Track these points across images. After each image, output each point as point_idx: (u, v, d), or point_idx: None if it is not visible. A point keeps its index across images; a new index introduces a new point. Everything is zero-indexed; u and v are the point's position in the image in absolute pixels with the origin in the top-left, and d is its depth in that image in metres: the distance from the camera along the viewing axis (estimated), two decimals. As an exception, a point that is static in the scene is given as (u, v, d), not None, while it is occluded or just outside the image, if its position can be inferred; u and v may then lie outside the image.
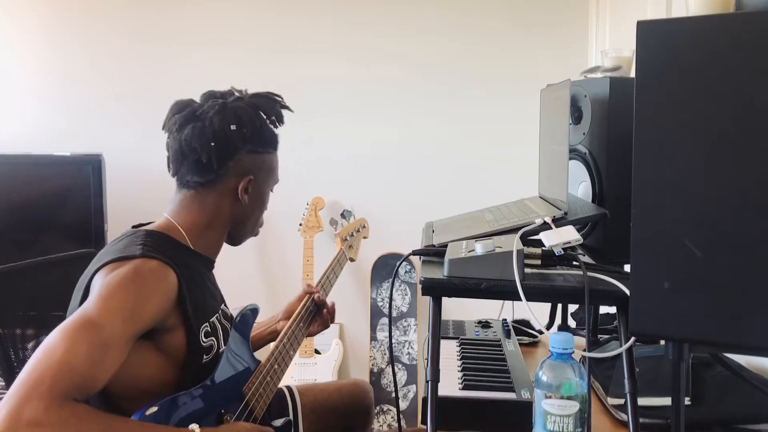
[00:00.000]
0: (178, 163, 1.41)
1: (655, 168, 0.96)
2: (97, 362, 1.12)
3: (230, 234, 1.48)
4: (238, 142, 1.39)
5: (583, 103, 1.53)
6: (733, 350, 1.35)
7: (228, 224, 1.45)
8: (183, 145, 1.38)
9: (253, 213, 1.49)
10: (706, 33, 0.92)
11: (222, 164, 1.39)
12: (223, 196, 1.41)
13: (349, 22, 3.07)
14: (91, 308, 1.16)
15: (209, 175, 1.39)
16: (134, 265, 1.23)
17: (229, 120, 1.38)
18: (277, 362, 1.54)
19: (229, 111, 1.39)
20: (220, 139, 1.37)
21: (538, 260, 1.27)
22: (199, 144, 1.37)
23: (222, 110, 1.39)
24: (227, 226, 1.45)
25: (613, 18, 2.72)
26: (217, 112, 1.39)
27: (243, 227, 1.49)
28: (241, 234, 1.50)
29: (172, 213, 1.42)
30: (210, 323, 1.37)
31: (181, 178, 1.42)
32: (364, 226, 2.26)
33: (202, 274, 1.41)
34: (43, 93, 3.09)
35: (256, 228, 1.53)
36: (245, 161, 1.41)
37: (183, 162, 1.40)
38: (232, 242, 1.50)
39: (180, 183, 1.42)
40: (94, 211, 2.78)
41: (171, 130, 1.42)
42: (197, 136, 1.37)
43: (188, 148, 1.38)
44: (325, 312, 1.78)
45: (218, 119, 1.38)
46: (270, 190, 1.51)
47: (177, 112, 1.43)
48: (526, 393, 1.34)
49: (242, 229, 1.49)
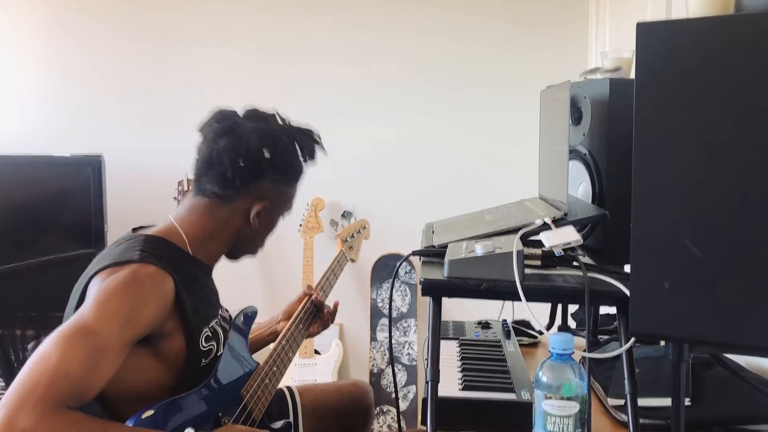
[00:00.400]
0: (202, 170, 1.41)
1: (655, 168, 0.96)
2: (92, 369, 1.11)
3: (230, 249, 1.48)
4: (267, 169, 1.40)
5: (583, 104, 1.53)
6: (733, 350, 1.35)
7: (231, 239, 1.45)
8: (214, 154, 1.38)
9: (258, 236, 1.50)
10: (706, 34, 0.92)
11: (244, 184, 1.39)
12: (234, 214, 1.42)
13: (349, 22, 3.07)
14: (87, 314, 1.16)
15: (228, 190, 1.39)
16: (131, 270, 1.23)
17: (266, 145, 1.38)
18: (275, 364, 1.54)
19: (268, 136, 1.40)
20: (251, 161, 1.38)
21: (538, 261, 1.27)
22: (230, 159, 1.37)
23: (262, 134, 1.39)
24: (230, 241, 1.45)
25: (613, 19, 2.72)
26: (257, 135, 1.39)
27: (245, 246, 1.50)
28: (241, 252, 1.51)
29: (178, 217, 1.41)
30: (210, 328, 1.37)
31: (201, 186, 1.42)
32: (365, 227, 2.26)
33: (200, 279, 1.40)
34: (43, 93, 3.09)
35: (257, 249, 1.54)
36: (266, 187, 1.42)
37: (208, 171, 1.40)
38: (230, 257, 1.51)
39: (197, 189, 1.43)
40: (94, 212, 2.78)
41: (206, 137, 1.42)
42: (230, 151, 1.37)
43: (218, 159, 1.38)
44: (326, 313, 1.78)
45: (255, 141, 1.38)
46: (281, 216, 1.52)
47: (217, 120, 1.43)
48: (526, 394, 1.35)
49: (244, 247, 1.50)
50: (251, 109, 1.47)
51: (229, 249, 1.48)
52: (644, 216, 0.97)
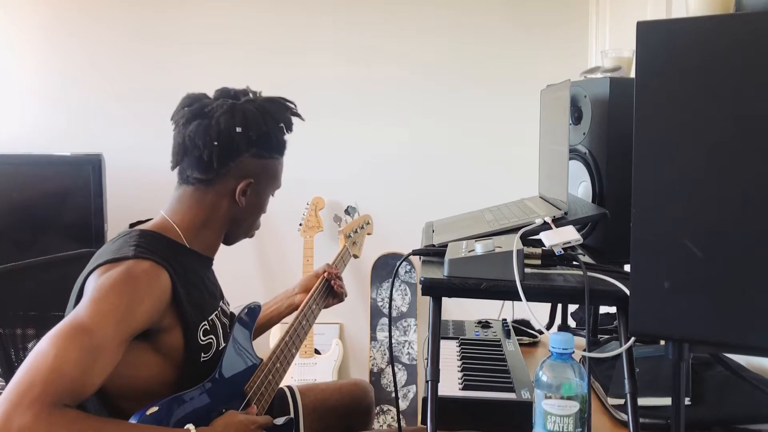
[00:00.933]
0: (179, 157, 1.40)
1: (655, 168, 0.96)
2: (88, 367, 1.11)
3: (225, 234, 1.47)
4: (242, 145, 1.38)
5: (583, 103, 1.53)
6: (733, 350, 1.35)
7: (225, 224, 1.44)
8: (186, 139, 1.37)
9: (250, 216, 1.48)
10: (706, 34, 0.92)
11: (223, 164, 1.38)
12: (221, 196, 1.40)
13: (349, 23, 3.07)
14: (83, 312, 1.16)
15: (209, 174, 1.38)
16: (126, 267, 1.23)
17: (236, 121, 1.37)
18: (279, 361, 1.54)
19: (237, 112, 1.38)
20: (224, 140, 1.36)
21: (538, 260, 1.27)
22: (203, 141, 1.36)
23: (230, 110, 1.38)
24: (224, 226, 1.44)
25: (613, 18, 2.72)
26: (225, 111, 1.37)
27: (238, 228, 1.48)
28: (235, 234, 1.49)
29: (169, 211, 1.41)
30: (209, 321, 1.37)
31: (182, 173, 1.41)
32: (368, 222, 2.24)
33: (198, 272, 1.40)
34: (43, 93, 3.09)
35: (251, 230, 1.53)
36: (247, 164, 1.40)
37: (184, 157, 1.39)
38: (226, 242, 1.50)
39: (180, 178, 1.42)
40: (94, 211, 2.78)
41: (177, 123, 1.42)
42: (202, 133, 1.36)
43: (191, 144, 1.37)
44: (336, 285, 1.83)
45: (225, 119, 1.37)
46: (270, 194, 1.51)
47: (186, 105, 1.42)
48: (526, 393, 1.35)
49: (237, 230, 1.48)
50: (220, 88, 1.46)
51: (224, 234, 1.47)
52: (644, 216, 0.97)
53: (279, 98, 1.48)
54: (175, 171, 1.43)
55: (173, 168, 1.43)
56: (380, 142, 3.10)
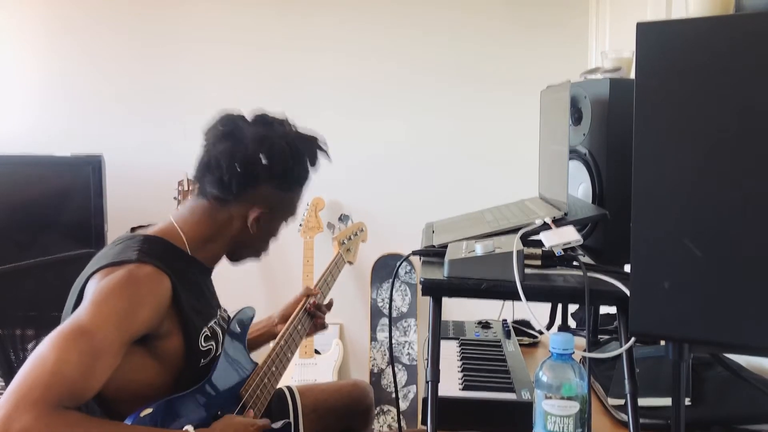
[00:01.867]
0: (201, 173, 1.41)
1: (655, 168, 0.96)
2: (88, 370, 1.12)
3: (231, 252, 1.48)
4: (263, 175, 1.39)
5: (583, 104, 1.53)
6: (733, 350, 1.35)
7: (231, 243, 1.45)
8: (212, 158, 1.39)
9: (258, 241, 1.49)
10: (705, 34, 0.92)
11: (241, 189, 1.39)
12: (233, 218, 1.42)
13: (349, 22, 3.07)
14: (84, 314, 1.16)
15: (227, 195, 1.39)
16: (128, 271, 1.23)
17: (263, 151, 1.38)
18: (274, 364, 1.54)
19: (266, 143, 1.39)
20: (247, 166, 1.37)
21: (539, 261, 1.27)
22: (226, 164, 1.37)
23: (260, 140, 1.38)
24: (230, 245, 1.45)
25: (613, 19, 2.72)
26: (254, 139, 1.38)
27: (244, 250, 1.49)
28: (241, 255, 1.50)
29: (178, 218, 1.42)
30: (209, 328, 1.37)
31: (202, 187, 1.42)
32: (362, 229, 2.26)
33: (198, 280, 1.41)
34: (43, 93, 3.09)
35: (259, 254, 1.53)
36: (265, 193, 1.41)
37: (206, 173, 1.40)
38: (231, 259, 1.51)
39: (199, 191, 1.43)
40: (94, 212, 2.77)
41: (208, 139, 1.43)
42: (227, 156, 1.37)
43: (215, 163, 1.38)
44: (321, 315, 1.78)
45: (253, 147, 1.37)
46: (283, 222, 1.51)
47: (222, 124, 1.43)
48: (527, 393, 1.35)
49: (243, 251, 1.49)
50: (259, 113, 1.47)
51: (228, 252, 1.47)
52: (644, 216, 0.97)
53: (311, 136, 1.49)
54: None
55: (195, 181, 1.44)
56: (380, 142, 3.10)
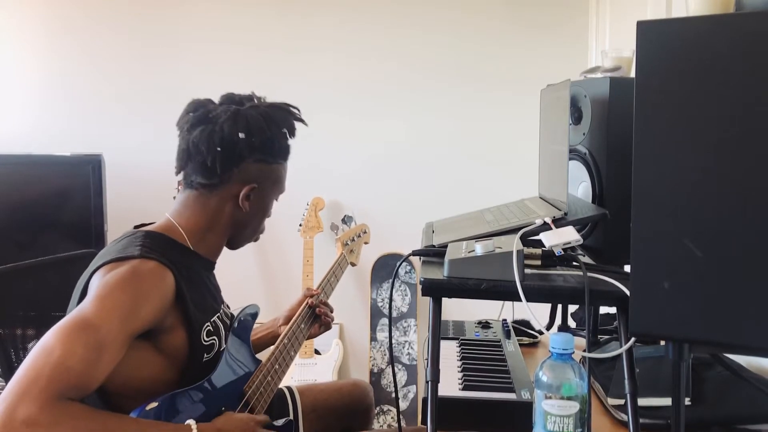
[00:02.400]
0: (183, 162, 1.41)
1: (655, 168, 0.96)
2: (92, 362, 1.12)
3: (229, 238, 1.48)
4: (245, 151, 1.39)
5: (583, 103, 1.53)
6: (733, 350, 1.35)
7: (228, 228, 1.45)
8: (191, 145, 1.38)
9: (253, 220, 1.48)
10: (706, 33, 0.92)
11: (226, 170, 1.39)
12: (225, 201, 1.41)
13: (349, 22, 3.07)
14: (88, 308, 1.16)
15: (213, 179, 1.39)
16: (132, 266, 1.23)
17: (239, 128, 1.38)
18: (277, 362, 1.54)
19: (240, 118, 1.39)
20: (227, 146, 1.37)
21: (538, 261, 1.27)
22: (206, 147, 1.37)
23: (234, 117, 1.38)
24: (228, 231, 1.45)
25: (613, 18, 2.72)
26: (228, 117, 1.38)
27: (242, 233, 1.49)
28: (239, 239, 1.50)
29: (173, 213, 1.42)
30: (212, 323, 1.37)
31: (186, 178, 1.42)
32: (365, 231, 2.27)
33: (201, 274, 1.41)
34: (43, 93, 3.09)
35: (255, 234, 1.53)
36: (250, 169, 1.41)
37: (188, 162, 1.40)
38: (230, 246, 1.51)
39: (185, 182, 1.43)
40: (94, 211, 2.78)
41: (182, 129, 1.43)
42: (205, 139, 1.37)
43: (195, 150, 1.38)
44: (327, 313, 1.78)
45: (228, 125, 1.37)
46: (274, 199, 1.51)
47: (191, 111, 1.43)
48: (526, 393, 1.34)
49: (241, 234, 1.49)
50: (225, 94, 1.47)
51: (228, 238, 1.47)
52: (644, 216, 0.97)
53: (283, 104, 1.49)
54: (178, 173, 1.43)
55: (177, 173, 1.44)
56: (380, 142, 3.10)
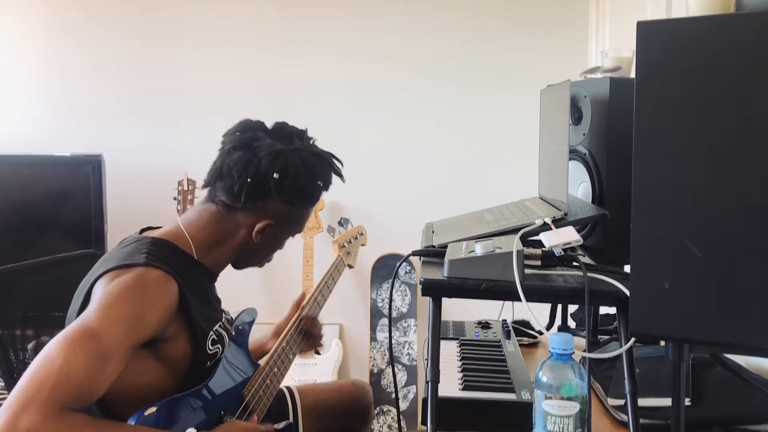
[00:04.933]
0: (213, 179, 1.41)
1: (655, 168, 0.96)
2: (95, 372, 1.12)
3: (235, 260, 1.48)
4: (274, 190, 1.39)
5: (583, 103, 1.53)
6: (733, 350, 1.35)
7: (236, 252, 1.45)
8: (224, 166, 1.39)
9: (262, 251, 1.49)
10: (706, 33, 0.92)
11: (250, 200, 1.39)
12: (240, 226, 1.41)
13: (349, 23, 3.07)
14: (92, 317, 1.16)
15: (236, 203, 1.39)
16: (136, 274, 1.23)
17: (276, 167, 1.37)
18: (276, 365, 1.54)
19: (280, 158, 1.38)
20: (258, 180, 1.37)
21: (538, 261, 1.27)
22: (238, 173, 1.37)
23: (275, 155, 1.38)
24: (236, 252, 1.45)
25: (613, 18, 2.72)
26: (269, 153, 1.37)
27: (248, 260, 1.50)
28: (245, 264, 1.51)
29: (186, 222, 1.41)
30: (215, 331, 1.38)
31: (212, 193, 1.42)
32: (361, 233, 2.27)
33: (204, 285, 1.41)
34: (43, 93, 3.09)
35: (262, 263, 1.54)
36: (274, 207, 1.41)
37: (218, 180, 1.40)
38: (235, 266, 1.51)
39: (208, 196, 1.43)
40: (94, 211, 2.78)
41: (224, 145, 1.43)
42: (241, 166, 1.37)
43: (227, 172, 1.38)
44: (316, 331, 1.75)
45: (267, 161, 1.37)
46: (290, 236, 1.52)
47: (239, 131, 1.43)
48: (527, 394, 1.34)
49: (247, 260, 1.50)
50: (280, 124, 1.46)
51: (234, 260, 1.48)
52: (644, 216, 0.97)
53: (327, 154, 1.49)
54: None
55: (204, 187, 1.44)
56: (380, 142, 3.10)
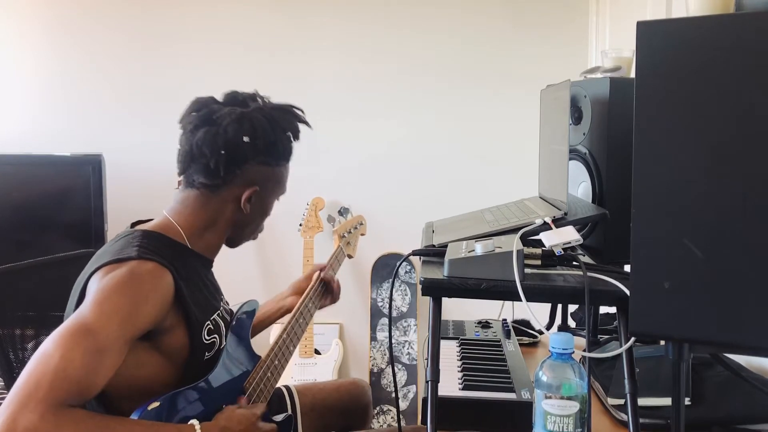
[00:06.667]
0: (186, 163, 1.40)
1: (655, 168, 0.96)
2: (93, 368, 1.12)
3: (228, 237, 1.47)
4: (249, 154, 1.38)
5: (583, 103, 1.53)
6: (733, 350, 1.35)
7: (228, 228, 1.44)
8: (194, 147, 1.37)
9: (254, 221, 1.48)
10: (705, 34, 0.92)
11: (229, 172, 1.38)
12: (226, 202, 1.41)
13: (349, 22, 3.07)
14: (87, 313, 1.16)
15: (215, 180, 1.38)
16: (130, 268, 1.23)
17: (244, 131, 1.36)
18: (277, 358, 1.54)
19: (245, 121, 1.37)
20: (231, 148, 1.36)
21: (538, 260, 1.27)
22: (210, 150, 1.36)
23: (239, 119, 1.37)
24: (227, 230, 1.44)
25: (613, 18, 2.72)
26: (233, 120, 1.37)
27: (242, 233, 1.49)
28: (239, 238, 1.50)
29: (172, 212, 1.41)
30: (212, 321, 1.37)
31: (188, 178, 1.41)
32: (361, 223, 2.27)
33: (199, 273, 1.40)
34: (43, 93, 3.09)
35: (255, 233, 1.53)
36: (253, 171, 1.41)
37: (191, 163, 1.39)
38: (229, 245, 1.50)
39: (186, 182, 1.42)
40: (94, 211, 2.78)
41: (185, 129, 1.41)
42: (209, 142, 1.36)
43: (198, 151, 1.37)
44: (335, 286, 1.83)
45: (233, 128, 1.36)
46: (276, 199, 1.51)
47: (195, 110, 1.41)
48: (526, 393, 1.35)
49: (241, 233, 1.49)
50: (229, 92, 1.45)
51: (227, 237, 1.47)
52: (644, 216, 0.97)
53: (287, 106, 1.48)
54: (181, 173, 1.43)
55: (180, 173, 1.43)
56: (380, 142, 3.10)
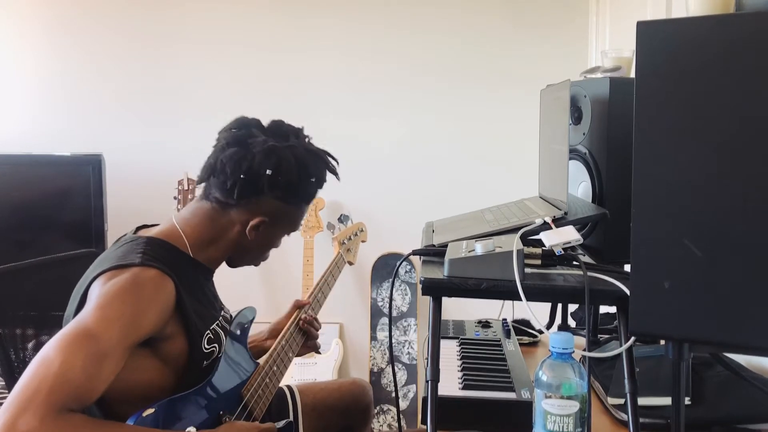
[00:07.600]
0: (206, 175, 1.41)
1: (655, 168, 0.96)
2: (93, 373, 1.11)
3: (229, 257, 1.48)
4: (267, 186, 1.38)
5: (583, 103, 1.53)
6: (733, 350, 1.35)
7: (231, 247, 1.44)
8: (218, 162, 1.38)
9: (256, 249, 1.49)
10: (706, 34, 0.92)
11: (243, 196, 1.38)
12: (233, 223, 1.41)
13: (349, 22, 3.07)
14: (89, 318, 1.16)
15: (229, 199, 1.39)
16: (132, 274, 1.23)
17: (269, 164, 1.36)
18: (275, 364, 1.54)
19: (273, 155, 1.37)
20: (251, 176, 1.36)
21: (539, 260, 1.27)
22: (231, 170, 1.36)
23: (268, 152, 1.37)
24: (230, 249, 1.45)
25: (613, 18, 2.72)
26: (262, 150, 1.37)
27: (243, 257, 1.49)
28: (239, 261, 1.50)
29: (180, 220, 1.41)
30: (212, 330, 1.37)
31: (206, 189, 1.42)
32: (361, 229, 2.27)
33: (200, 282, 1.41)
34: (43, 93, 3.09)
35: (257, 261, 1.53)
36: (267, 204, 1.41)
37: (211, 176, 1.40)
38: (229, 264, 1.51)
39: (203, 193, 1.43)
40: (94, 211, 2.77)
41: (219, 142, 1.42)
42: (234, 162, 1.36)
43: (221, 168, 1.37)
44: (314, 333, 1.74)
45: (259, 158, 1.36)
46: (285, 235, 1.51)
47: (234, 127, 1.43)
48: (526, 393, 1.35)
49: (241, 257, 1.49)
50: (276, 121, 1.46)
51: (228, 256, 1.47)
52: (644, 216, 0.97)
53: (322, 152, 1.48)
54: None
55: (199, 183, 1.44)
56: (380, 141, 3.10)
